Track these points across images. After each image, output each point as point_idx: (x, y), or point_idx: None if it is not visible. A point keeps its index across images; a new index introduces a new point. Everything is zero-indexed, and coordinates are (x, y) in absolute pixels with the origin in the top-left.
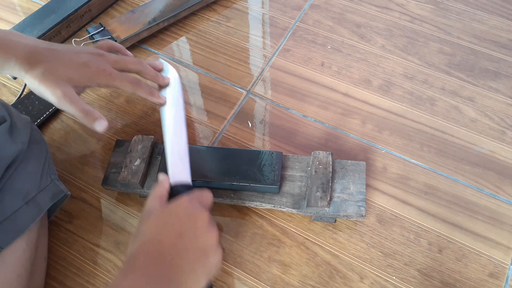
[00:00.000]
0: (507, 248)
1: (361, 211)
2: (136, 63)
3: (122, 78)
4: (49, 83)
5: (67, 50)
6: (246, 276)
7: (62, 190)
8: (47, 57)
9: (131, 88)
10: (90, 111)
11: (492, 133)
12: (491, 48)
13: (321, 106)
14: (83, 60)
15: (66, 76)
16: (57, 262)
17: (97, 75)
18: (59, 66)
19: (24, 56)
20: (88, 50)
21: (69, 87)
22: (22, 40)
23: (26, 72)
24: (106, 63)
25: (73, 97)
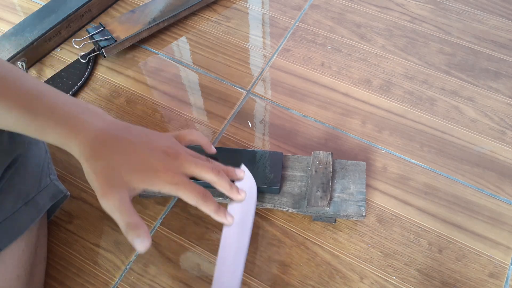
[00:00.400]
0: (507, 248)
1: (361, 211)
2: (212, 173)
3: (189, 190)
4: (105, 185)
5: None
6: (246, 276)
7: (62, 190)
8: (113, 149)
9: (195, 203)
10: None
11: (492, 133)
12: (491, 48)
13: (321, 106)
14: (153, 161)
15: (127, 179)
16: (57, 262)
17: (162, 183)
18: (123, 165)
19: (88, 142)
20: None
21: (125, 193)
22: (93, 121)
23: (85, 160)
24: (178, 168)
25: (124, 207)
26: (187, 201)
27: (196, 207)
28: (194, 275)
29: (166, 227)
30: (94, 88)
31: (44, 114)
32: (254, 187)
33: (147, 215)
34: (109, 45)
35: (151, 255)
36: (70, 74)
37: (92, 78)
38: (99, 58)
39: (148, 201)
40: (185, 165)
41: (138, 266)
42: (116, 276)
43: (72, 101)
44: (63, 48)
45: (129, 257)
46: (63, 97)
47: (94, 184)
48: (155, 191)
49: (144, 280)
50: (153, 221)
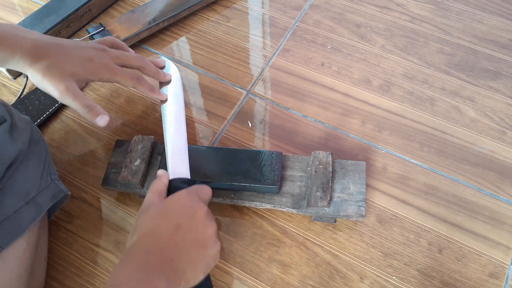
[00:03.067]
0: (507, 248)
1: (361, 211)
2: (138, 59)
3: (124, 73)
4: (53, 78)
5: (71, 45)
6: (246, 276)
7: (62, 190)
8: (51, 51)
9: (132, 83)
10: (93, 106)
11: (492, 133)
12: (491, 48)
13: (321, 106)
14: (86, 55)
15: (69, 71)
16: (57, 262)
17: (100, 70)
18: (63, 60)
19: (28, 50)
20: (92, 45)
21: (72, 82)
22: (28, 35)
23: (30, 65)
24: (109, 58)
25: (76, 92)
26: (124, 85)
27: (134, 88)
28: None
29: None
30: (94, 88)
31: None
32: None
33: None
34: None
35: None
36: None
37: None
38: None
39: None
40: (113, 56)
41: None
42: None
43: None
44: None
45: None
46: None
47: (43, 82)
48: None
49: None
50: None
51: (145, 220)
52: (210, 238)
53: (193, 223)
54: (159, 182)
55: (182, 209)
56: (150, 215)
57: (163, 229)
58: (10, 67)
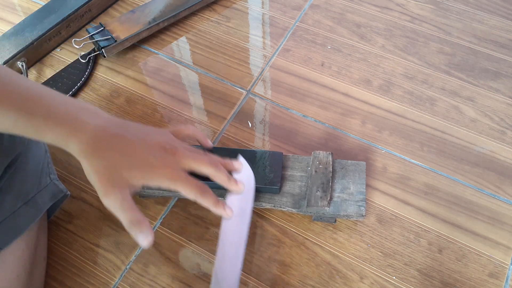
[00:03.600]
0: (507, 248)
1: (361, 211)
2: (210, 166)
3: (188, 185)
4: (106, 184)
5: (137, 140)
6: (246, 276)
7: (62, 190)
8: (112, 147)
9: (194, 196)
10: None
11: (492, 133)
12: (491, 48)
13: (321, 106)
14: (151, 157)
15: (127, 177)
16: (57, 262)
17: (161, 178)
18: (122, 163)
19: (88, 141)
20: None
21: (126, 191)
22: (91, 120)
23: (85, 158)
24: (176, 163)
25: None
26: (186, 196)
27: (195, 201)
28: (194, 275)
29: (166, 227)
30: (94, 88)
31: (41, 115)
32: (252, 177)
33: (147, 215)
34: (109, 45)
35: (151, 255)
36: (70, 74)
37: (92, 78)
38: (99, 58)
39: (148, 201)
40: (183, 159)
41: (138, 266)
42: (116, 276)
43: (69, 101)
44: (63, 48)
45: (129, 257)
46: (59, 97)
47: (95, 183)
48: (154, 187)
49: (144, 280)
50: (153, 221)
51: None
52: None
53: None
54: None
55: None
56: None
57: None
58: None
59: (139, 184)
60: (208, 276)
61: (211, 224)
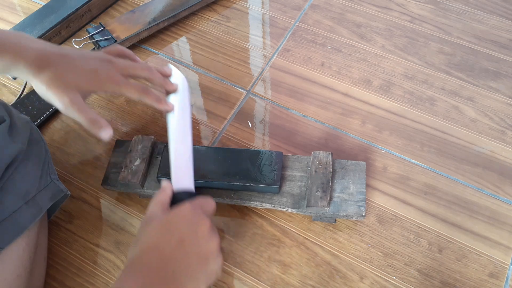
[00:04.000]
0: (507, 248)
1: (361, 211)
2: (144, 70)
3: (130, 86)
4: (57, 90)
5: (76, 55)
6: (246, 276)
7: (62, 189)
8: (56, 62)
9: (138, 95)
10: (97, 120)
11: (492, 133)
12: (491, 48)
13: (321, 106)
14: (92, 66)
15: (74, 83)
16: (57, 262)
17: (105, 81)
18: (67, 71)
19: (33, 60)
20: (98, 56)
21: (77, 94)
22: (32, 44)
23: (34, 76)
24: (114, 69)
25: (80, 105)
26: (130, 97)
27: (140, 100)
28: None
29: None
30: None
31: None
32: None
33: None
34: (109, 45)
35: None
36: None
37: None
38: None
39: (148, 201)
40: (120, 67)
41: None
42: (116, 276)
43: (9, 32)
44: None
45: None
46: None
47: (47, 94)
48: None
49: None
50: None
51: (148, 233)
52: (212, 252)
53: (196, 237)
54: (163, 193)
55: (185, 223)
56: (153, 228)
57: (166, 243)
58: (13, 75)
59: (88, 90)
60: None
61: None
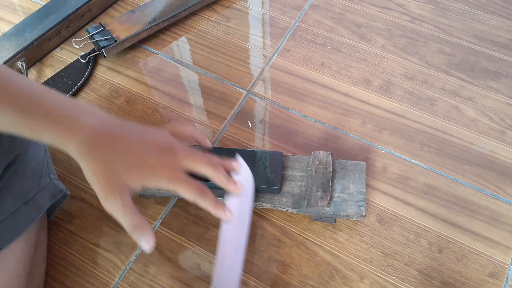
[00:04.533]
0: (507, 248)
1: (361, 211)
2: (208, 167)
3: (186, 186)
4: (104, 185)
5: (135, 140)
6: (246, 276)
7: (62, 189)
8: (110, 148)
9: (193, 198)
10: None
11: (492, 133)
12: (491, 48)
13: (321, 106)
14: (150, 159)
15: (125, 178)
16: (57, 262)
17: (160, 179)
18: (121, 164)
19: (86, 140)
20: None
21: (126, 195)
22: (89, 120)
23: (83, 159)
24: (174, 162)
25: (128, 208)
26: (185, 197)
27: (195, 203)
28: (194, 275)
29: (166, 227)
30: (94, 88)
31: (39, 114)
32: (251, 178)
33: (147, 215)
34: (109, 45)
35: (151, 255)
36: (70, 74)
37: (92, 78)
38: (99, 58)
39: (148, 201)
40: (182, 160)
41: (138, 266)
42: (116, 276)
43: (67, 100)
44: (63, 48)
45: (129, 257)
46: (57, 97)
47: (95, 186)
48: (153, 188)
49: (144, 280)
50: (153, 221)
51: None
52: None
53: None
54: None
55: None
56: None
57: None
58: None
59: (138, 186)
60: (208, 276)
61: (211, 224)
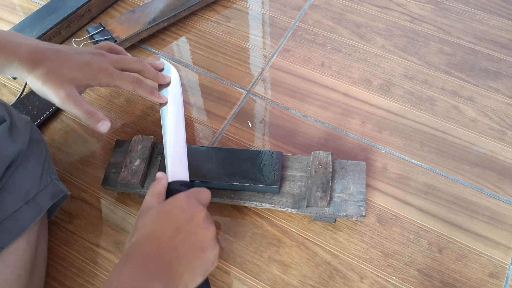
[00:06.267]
0: (507, 248)
1: (361, 211)
2: (137, 62)
3: (123, 77)
4: (52, 84)
5: (69, 50)
6: (246, 276)
7: (62, 190)
8: (49, 57)
9: (131, 87)
10: (94, 112)
11: (492, 133)
12: (491, 48)
13: (321, 106)
14: (85, 59)
15: (68, 76)
16: (57, 262)
17: (99, 74)
18: (61, 66)
19: (27, 57)
20: (90, 51)
21: (72, 88)
22: (25, 41)
23: (28, 72)
24: (107, 62)
25: (77, 98)
26: (124, 88)
27: (133, 91)
28: None
29: None
30: (94, 88)
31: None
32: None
33: None
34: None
35: None
36: None
37: None
38: None
39: None
40: (112, 60)
41: None
42: None
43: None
44: None
45: None
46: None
47: (43, 89)
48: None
49: None
50: None
51: (144, 223)
52: (209, 241)
53: (192, 226)
54: (158, 184)
55: (181, 212)
56: (149, 217)
57: (162, 232)
58: (9, 74)
59: (82, 83)
60: None
61: None
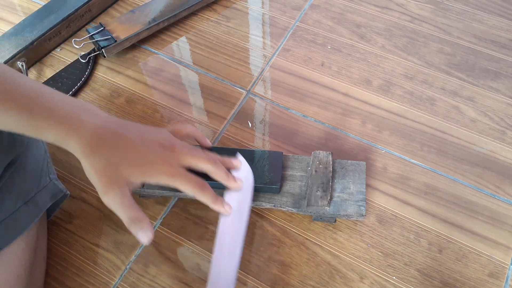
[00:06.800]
0: (507, 248)
1: (361, 211)
2: (208, 163)
3: (185, 181)
4: (104, 179)
5: (136, 138)
6: (246, 276)
7: (62, 189)
8: (111, 146)
9: (193, 192)
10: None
11: (492, 133)
12: (491, 48)
13: (321, 106)
14: (150, 156)
15: (125, 174)
16: (57, 262)
17: (160, 174)
18: (121, 160)
19: (87, 140)
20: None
21: (125, 188)
22: (91, 119)
23: (84, 157)
24: (174, 160)
25: (124, 201)
26: (185, 192)
27: (194, 197)
28: (194, 275)
29: (166, 227)
30: (94, 88)
31: (42, 114)
32: (251, 175)
33: (147, 215)
34: (109, 45)
35: (151, 255)
36: (70, 74)
37: (92, 78)
38: (99, 58)
39: (148, 201)
40: (181, 156)
41: (138, 266)
42: (116, 276)
43: (69, 100)
44: (63, 48)
45: (129, 257)
46: (60, 96)
47: (95, 182)
48: (153, 183)
49: (144, 280)
50: (153, 221)
51: None
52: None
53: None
54: None
55: None
56: None
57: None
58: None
59: (138, 182)
60: None
61: (211, 224)
